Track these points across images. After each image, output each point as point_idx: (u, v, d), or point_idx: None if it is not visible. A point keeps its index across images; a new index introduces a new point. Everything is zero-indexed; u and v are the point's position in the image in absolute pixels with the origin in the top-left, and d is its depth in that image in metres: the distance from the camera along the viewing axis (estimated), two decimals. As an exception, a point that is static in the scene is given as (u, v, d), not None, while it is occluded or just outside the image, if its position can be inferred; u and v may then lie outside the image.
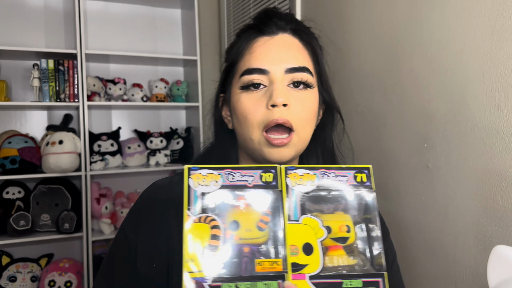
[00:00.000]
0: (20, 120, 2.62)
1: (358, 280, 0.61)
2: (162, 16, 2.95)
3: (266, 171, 0.64)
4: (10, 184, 2.47)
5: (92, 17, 2.76)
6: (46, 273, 2.35)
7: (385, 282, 0.62)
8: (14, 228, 2.29)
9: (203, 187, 0.61)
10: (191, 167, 0.62)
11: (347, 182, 0.65)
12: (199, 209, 0.60)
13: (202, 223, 0.60)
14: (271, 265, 0.60)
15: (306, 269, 0.60)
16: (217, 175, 0.62)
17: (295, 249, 0.60)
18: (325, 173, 0.65)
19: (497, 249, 0.66)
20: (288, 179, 0.64)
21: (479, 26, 1.14)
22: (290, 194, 0.63)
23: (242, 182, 0.63)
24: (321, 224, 0.62)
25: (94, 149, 2.59)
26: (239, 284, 0.59)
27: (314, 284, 0.60)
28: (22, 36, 2.58)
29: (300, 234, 0.62)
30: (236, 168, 0.63)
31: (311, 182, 0.64)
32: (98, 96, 2.60)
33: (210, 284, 0.58)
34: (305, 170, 0.65)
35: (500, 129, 1.09)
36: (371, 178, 0.66)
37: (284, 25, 0.78)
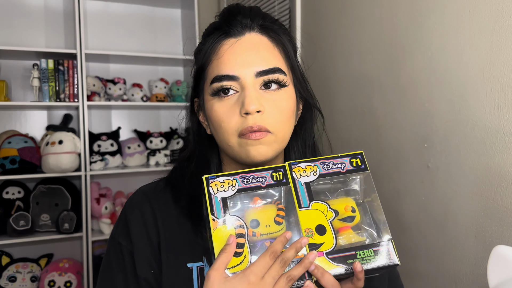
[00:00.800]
0: (20, 120, 2.62)
1: (370, 250, 0.68)
2: (162, 16, 2.95)
3: (275, 170, 0.70)
4: (10, 184, 2.47)
5: (92, 17, 2.76)
6: (46, 273, 2.35)
7: (393, 248, 0.69)
8: (14, 228, 2.29)
9: (222, 192, 0.67)
10: (208, 176, 0.68)
11: (344, 168, 0.72)
12: (222, 213, 0.66)
13: (227, 224, 0.65)
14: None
15: (322, 247, 0.67)
16: (233, 180, 0.68)
17: (310, 231, 0.67)
18: (325, 163, 0.72)
19: (497, 249, 0.66)
20: (293, 172, 0.71)
21: (479, 26, 1.14)
22: (297, 185, 0.70)
23: (256, 183, 0.69)
24: (329, 207, 0.69)
25: (94, 149, 2.59)
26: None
27: (331, 259, 0.67)
28: (22, 36, 2.58)
29: (312, 218, 0.68)
30: (249, 171, 0.69)
31: (314, 172, 0.71)
32: (98, 96, 2.59)
33: None
34: (306, 163, 0.72)
35: (500, 129, 1.09)
36: (364, 161, 0.73)
37: (250, 23, 0.75)
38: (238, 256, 0.64)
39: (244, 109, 0.70)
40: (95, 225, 2.55)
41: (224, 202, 0.67)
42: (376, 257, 0.68)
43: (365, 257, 0.68)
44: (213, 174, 0.68)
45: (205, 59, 0.76)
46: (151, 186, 0.84)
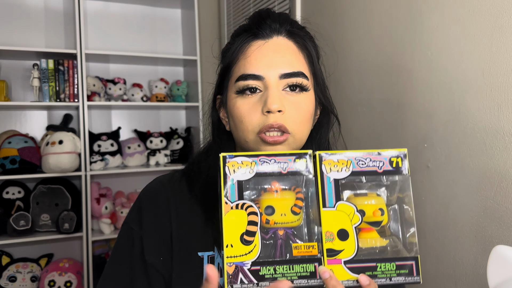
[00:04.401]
0: (20, 120, 2.62)
1: (392, 264, 0.63)
2: (162, 16, 2.95)
3: (299, 157, 0.65)
4: (10, 184, 2.47)
5: (92, 17, 2.76)
6: (46, 273, 2.35)
7: (418, 265, 0.64)
8: (14, 228, 2.29)
9: (238, 174, 0.63)
10: (226, 155, 0.63)
11: (382, 167, 0.65)
12: (236, 196, 0.62)
13: (240, 209, 0.61)
14: (307, 249, 0.62)
15: (341, 254, 0.62)
16: (252, 162, 0.63)
17: (330, 235, 0.62)
18: (361, 158, 0.65)
19: (497, 249, 0.66)
20: (323, 166, 0.64)
21: (479, 26, 1.14)
22: (325, 181, 0.64)
23: (276, 169, 0.64)
24: (356, 210, 0.63)
25: (94, 149, 2.59)
26: (277, 267, 0.61)
27: (349, 268, 0.62)
28: (22, 36, 2.58)
29: (336, 221, 0.63)
30: (270, 155, 0.64)
31: (346, 168, 0.65)
32: (98, 96, 2.59)
33: (249, 268, 0.60)
34: (340, 156, 0.65)
35: (500, 129, 1.09)
36: (406, 162, 0.66)
37: (279, 28, 0.78)
38: (248, 244, 0.61)
39: (267, 107, 0.72)
40: (95, 225, 2.55)
41: (240, 185, 0.63)
42: (397, 272, 0.63)
43: (385, 271, 0.63)
44: (231, 153, 0.63)
45: (232, 58, 0.79)
46: (168, 176, 0.87)
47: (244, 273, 0.60)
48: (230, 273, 0.60)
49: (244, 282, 0.60)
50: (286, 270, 0.61)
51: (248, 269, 0.60)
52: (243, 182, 0.63)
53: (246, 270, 0.60)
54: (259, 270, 0.60)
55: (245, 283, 0.60)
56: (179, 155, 2.76)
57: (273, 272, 0.61)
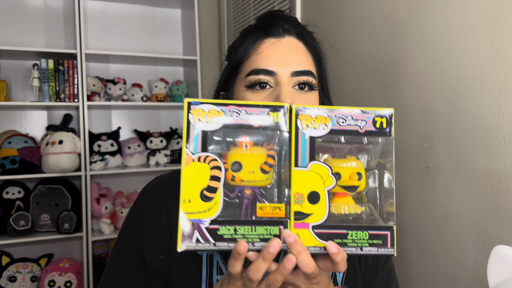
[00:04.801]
0: (20, 120, 2.62)
1: (364, 232, 0.58)
2: (162, 16, 2.95)
3: (274, 109, 0.59)
4: (10, 184, 2.47)
5: (92, 17, 2.76)
6: (46, 273, 2.35)
7: (394, 236, 0.59)
8: (14, 228, 2.29)
9: (204, 124, 0.57)
10: (192, 101, 0.57)
11: (364, 127, 0.60)
12: (199, 148, 0.57)
13: (202, 163, 0.57)
14: (273, 210, 0.57)
15: (310, 218, 0.57)
16: (220, 111, 0.57)
17: (300, 197, 0.57)
18: (342, 115, 0.59)
19: (497, 249, 0.66)
20: (299, 121, 0.59)
21: (479, 26, 1.14)
22: (299, 138, 0.58)
23: (247, 121, 0.58)
24: (330, 172, 0.58)
25: (94, 149, 2.59)
26: (238, 227, 0.56)
27: (317, 234, 0.57)
28: (22, 36, 2.58)
29: (307, 182, 0.58)
30: (241, 105, 0.58)
31: (324, 126, 0.59)
32: (98, 96, 2.59)
33: (207, 226, 0.56)
34: (319, 111, 0.59)
35: (500, 129, 1.09)
36: (391, 123, 0.60)
37: (291, 28, 0.80)
38: (207, 201, 0.56)
39: (280, 101, 0.73)
40: (95, 225, 2.55)
41: (204, 136, 0.57)
42: (370, 241, 0.58)
43: (357, 240, 0.58)
44: (197, 99, 0.57)
45: (243, 54, 0.80)
46: (167, 176, 0.88)
47: (201, 231, 0.56)
48: (186, 230, 0.55)
49: (199, 241, 0.55)
50: (248, 232, 0.56)
51: (206, 228, 0.56)
52: (208, 133, 0.57)
53: (204, 228, 0.56)
54: (217, 229, 0.56)
55: (201, 242, 0.56)
56: (179, 155, 2.76)
57: (233, 232, 0.56)
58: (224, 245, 0.56)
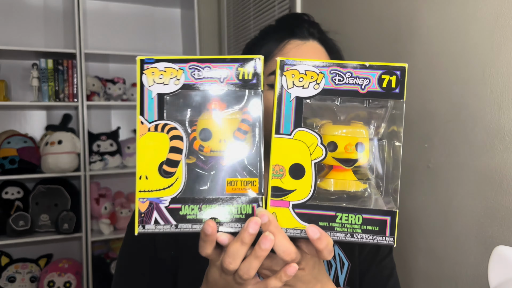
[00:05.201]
0: (20, 120, 2.62)
1: (357, 216, 0.49)
2: (161, 16, 2.95)
3: (244, 63, 0.49)
4: (9, 184, 2.46)
5: (92, 17, 2.75)
6: (46, 274, 2.34)
7: (395, 222, 0.49)
8: (14, 228, 2.29)
9: (160, 86, 0.49)
10: (145, 58, 0.49)
11: (366, 87, 0.49)
12: (155, 115, 0.49)
13: (159, 132, 0.49)
14: (244, 186, 0.49)
15: (291, 195, 0.48)
16: (178, 70, 0.49)
17: (280, 169, 0.48)
18: (338, 72, 0.49)
19: (498, 250, 0.66)
20: (283, 77, 0.49)
21: (480, 25, 1.13)
22: (283, 98, 0.49)
23: (211, 80, 0.49)
24: (320, 141, 0.49)
25: (93, 149, 2.59)
26: (204, 206, 0.49)
27: (298, 214, 0.48)
28: (21, 35, 2.58)
29: (290, 152, 0.49)
30: (203, 60, 0.49)
31: (315, 84, 0.49)
32: (98, 95, 2.59)
33: (167, 206, 0.49)
34: (308, 66, 0.49)
35: (500, 129, 1.08)
36: (403, 83, 0.49)
37: (316, 33, 0.80)
38: (167, 176, 0.48)
39: None
40: (94, 225, 2.55)
41: (161, 100, 0.49)
42: (363, 227, 0.49)
43: (347, 224, 0.49)
44: (151, 57, 0.49)
45: (267, 53, 0.80)
46: None
47: (160, 211, 0.49)
48: (143, 211, 0.49)
49: (159, 222, 0.49)
50: (215, 211, 0.49)
51: (166, 207, 0.49)
52: (165, 97, 0.49)
53: (163, 208, 0.49)
54: (179, 209, 0.49)
55: (160, 224, 0.49)
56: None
57: (198, 212, 0.49)
58: (188, 227, 0.49)
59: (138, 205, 0.49)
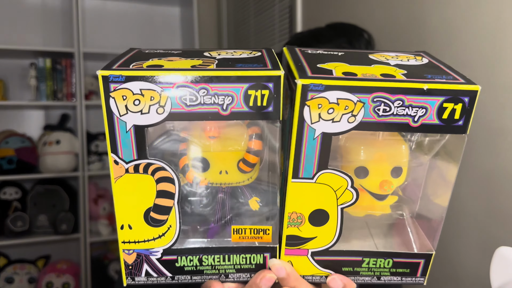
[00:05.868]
0: (17, 119, 2.61)
1: (387, 260, 0.41)
2: (160, 14, 2.93)
3: (257, 85, 0.35)
4: (7, 185, 2.45)
5: (90, 16, 2.74)
6: (44, 275, 2.33)
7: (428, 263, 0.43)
8: (11, 229, 2.28)
9: (136, 115, 0.35)
10: (109, 75, 0.34)
11: (421, 118, 0.36)
12: (133, 153, 0.37)
13: (141, 174, 0.38)
14: (255, 234, 0.41)
15: (310, 243, 0.40)
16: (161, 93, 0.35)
17: (298, 217, 0.39)
18: (384, 100, 0.34)
19: (500, 251, 0.64)
20: (306, 108, 0.35)
21: (482, 23, 1.12)
22: (304, 136, 0.36)
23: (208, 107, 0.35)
24: (350, 184, 0.38)
25: (91, 149, 2.57)
26: (205, 257, 0.41)
27: (317, 261, 0.41)
28: (19, 34, 2.57)
29: (311, 198, 0.39)
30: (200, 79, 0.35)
31: (350, 117, 0.35)
32: (96, 95, 2.58)
33: (159, 257, 0.41)
34: (341, 93, 0.34)
35: (504, 128, 1.07)
36: (470, 113, 0.38)
37: (371, 49, 0.78)
38: (157, 225, 0.39)
39: None
40: (93, 226, 2.53)
41: (140, 133, 0.36)
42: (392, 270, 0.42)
43: (374, 268, 0.42)
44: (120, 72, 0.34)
45: None
46: None
47: (152, 263, 0.41)
48: (130, 263, 0.41)
49: (151, 275, 0.41)
50: (218, 262, 0.41)
51: (158, 259, 0.41)
52: (145, 129, 0.36)
53: (155, 260, 0.41)
54: (175, 261, 0.41)
55: (153, 276, 0.41)
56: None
57: (198, 263, 0.41)
58: (187, 279, 0.42)
59: (124, 257, 0.41)
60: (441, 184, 0.41)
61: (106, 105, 0.35)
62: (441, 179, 0.41)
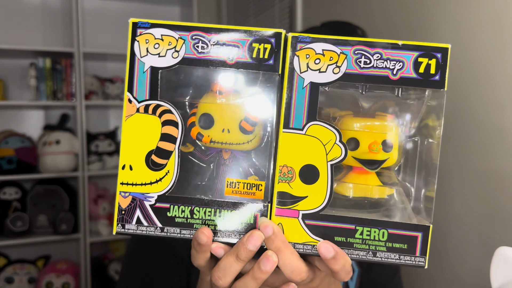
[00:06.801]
0: (17, 119, 2.60)
1: (382, 231, 0.40)
2: (160, 14, 2.93)
3: (260, 39, 0.39)
4: (7, 185, 2.45)
5: (89, 15, 2.74)
6: (44, 275, 2.33)
7: (427, 239, 0.42)
8: (11, 229, 2.27)
9: (154, 57, 0.40)
10: (138, 22, 0.40)
11: (400, 71, 0.39)
12: (147, 93, 0.40)
13: (150, 114, 0.40)
14: (248, 189, 0.41)
15: (301, 203, 0.40)
16: (178, 39, 0.40)
17: (288, 172, 0.40)
18: (364, 52, 0.39)
19: (501, 251, 0.64)
20: (296, 58, 0.39)
21: (483, 23, 1.11)
22: (294, 85, 0.39)
23: (217, 56, 0.40)
24: (338, 139, 0.39)
25: (91, 149, 2.57)
26: (196, 209, 0.41)
27: (309, 226, 0.40)
28: (19, 34, 2.56)
29: (301, 151, 0.40)
30: (210, 30, 0.40)
31: (335, 67, 0.39)
32: (96, 95, 2.57)
33: (153, 204, 0.41)
34: (327, 45, 0.39)
35: (503, 129, 1.07)
36: (445, 67, 0.41)
37: None
38: (156, 169, 0.40)
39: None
40: (92, 226, 2.53)
41: (155, 75, 0.40)
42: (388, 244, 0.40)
43: (368, 241, 0.40)
44: (147, 20, 0.40)
45: None
46: None
47: (145, 210, 0.41)
48: (124, 207, 0.41)
49: (142, 223, 0.41)
50: (210, 216, 0.40)
51: (151, 206, 0.41)
52: (160, 71, 0.40)
53: (148, 206, 0.41)
54: (167, 209, 0.41)
55: (144, 224, 0.41)
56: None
57: (189, 215, 0.41)
58: (175, 232, 0.41)
59: (119, 200, 0.41)
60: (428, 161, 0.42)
61: (131, 48, 0.40)
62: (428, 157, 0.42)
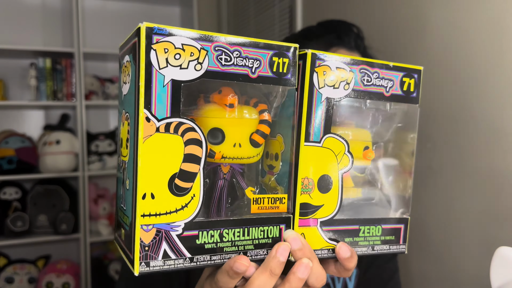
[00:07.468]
0: (17, 119, 2.60)
1: (378, 227, 0.45)
2: (160, 14, 2.93)
3: (279, 53, 0.40)
4: (7, 185, 2.45)
5: (90, 15, 2.74)
6: (44, 275, 2.33)
7: (407, 230, 0.47)
8: (11, 229, 2.27)
9: (176, 70, 0.36)
10: (154, 27, 0.36)
11: (390, 89, 0.45)
12: (167, 110, 0.36)
13: (172, 134, 0.36)
14: (272, 204, 0.41)
15: (319, 212, 0.42)
16: (200, 50, 0.37)
17: (309, 183, 0.41)
18: (367, 71, 0.43)
19: (500, 251, 0.64)
20: (315, 74, 0.41)
21: (483, 23, 1.11)
22: (314, 100, 0.41)
23: (240, 68, 0.38)
24: (347, 149, 0.43)
25: (91, 149, 2.57)
26: (225, 232, 0.39)
27: (325, 232, 0.43)
28: (19, 34, 2.57)
29: (319, 163, 0.42)
30: (232, 42, 0.38)
31: (346, 84, 0.42)
32: (96, 95, 2.57)
33: (180, 233, 0.37)
34: (340, 61, 0.42)
35: (504, 129, 1.07)
36: (419, 86, 0.46)
37: (361, 47, 0.80)
38: (180, 194, 0.37)
39: None
40: (92, 226, 2.53)
41: (176, 89, 0.36)
42: (382, 238, 0.46)
43: (368, 237, 0.45)
44: (164, 26, 0.36)
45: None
46: None
47: (171, 242, 0.37)
48: (147, 242, 0.36)
49: (169, 256, 0.37)
50: (238, 236, 0.39)
51: (179, 235, 0.37)
52: (182, 84, 0.36)
53: (175, 236, 0.37)
54: (196, 237, 0.38)
55: (171, 258, 0.37)
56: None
57: (218, 239, 0.38)
58: (206, 260, 0.38)
59: (141, 235, 0.36)
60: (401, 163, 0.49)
61: (146, 57, 0.35)
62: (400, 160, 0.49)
